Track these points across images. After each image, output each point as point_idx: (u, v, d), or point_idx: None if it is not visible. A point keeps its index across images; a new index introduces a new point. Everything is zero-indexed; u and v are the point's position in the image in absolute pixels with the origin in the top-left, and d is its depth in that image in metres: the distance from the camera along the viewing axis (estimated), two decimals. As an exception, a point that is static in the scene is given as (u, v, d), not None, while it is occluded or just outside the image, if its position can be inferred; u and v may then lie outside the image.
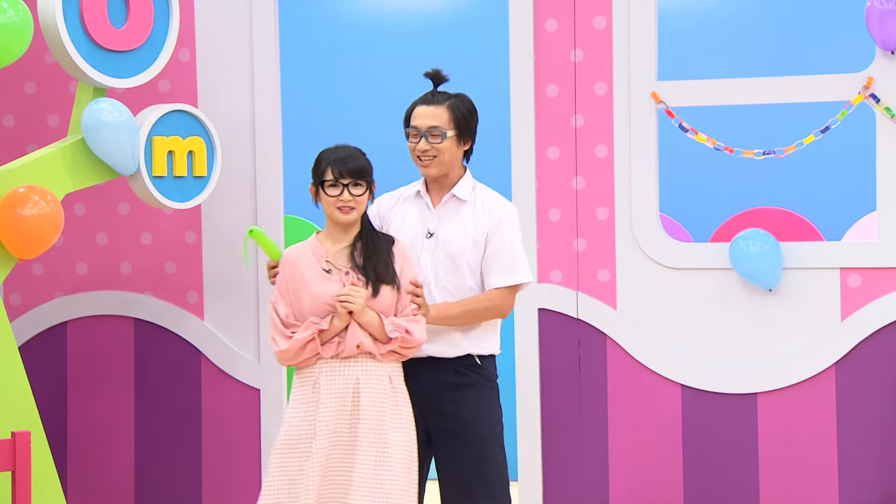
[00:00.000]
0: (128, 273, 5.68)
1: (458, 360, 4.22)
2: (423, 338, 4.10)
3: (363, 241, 4.13)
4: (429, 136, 4.20)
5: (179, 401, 5.64)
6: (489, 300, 4.21)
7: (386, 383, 4.06)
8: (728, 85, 5.30)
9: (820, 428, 5.15)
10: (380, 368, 4.08)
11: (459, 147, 4.24)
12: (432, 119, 4.22)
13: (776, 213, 6.73)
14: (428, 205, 4.27)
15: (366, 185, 4.13)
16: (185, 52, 5.57)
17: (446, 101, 4.26)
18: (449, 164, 4.23)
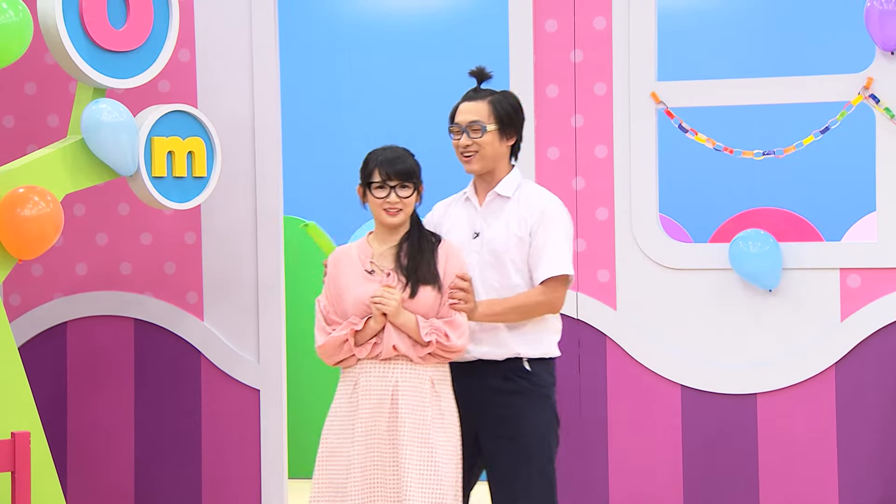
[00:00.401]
0: (128, 273, 5.68)
1: (507, 363, 4.11)
2: (461, 342, 3.99)
3: (409, 242, 4.05)
4: (469, 130, 4.14)
5: (179, 401, 5.63)
6: (539, 294, 4.11)
7: (427, 387, 3.97)
8: (728, 85, 5.31)
9: (820, 428, 5.15)
10: (420, 372, 3.99)
11: (502, 142, 4.16)
12: (473, 114, 4.16)
13: (776, 213, 6.73)
14: (475, 205, 4.21)
15: (413, 186, 4.04)
16: (184, 52, 5.57)
17: (488, 96, 4.19)
18: (492, 159, 4.16)
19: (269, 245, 5.57)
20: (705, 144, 5.28)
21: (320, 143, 7.67)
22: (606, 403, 5.32)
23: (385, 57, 7.89)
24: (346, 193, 7.75)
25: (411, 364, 3.98)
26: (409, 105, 7.83)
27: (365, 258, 4.08)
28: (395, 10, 8.02)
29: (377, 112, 7.82)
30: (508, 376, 4.11)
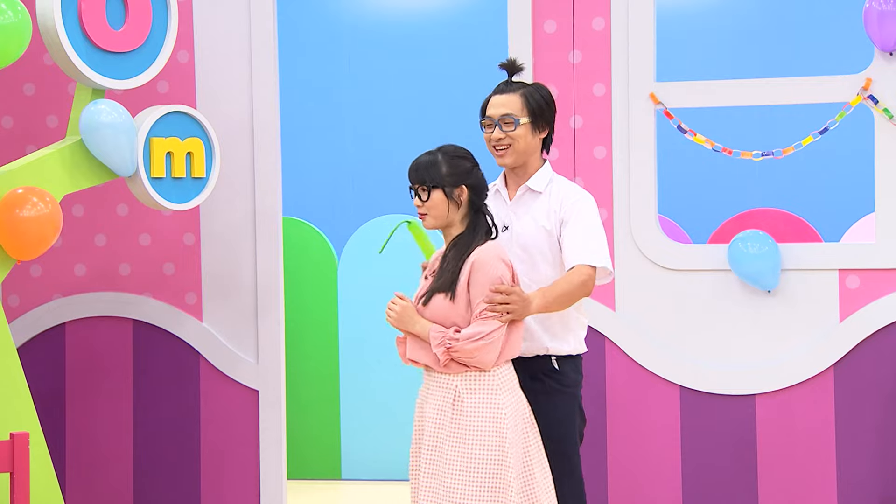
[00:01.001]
0: (126, 274, 5.68)
1: (535, 361, 4.07)
2: (470, 351, 3.84)
3: (452, 247, 3.98)
4: (502, 124, 4.10)
5: (178, 402, 5.63)
6: (579, 275, 4.02)
7: (449, 397, 3.88)
8: (726, 86, 5.29)
9: (819, 429, 5.15)
10: (445, 382, 3.90)
11: (535, 135, 4.12)
12: (505, 107, 4.12)
13: (775, 214, 6.73)
14: (505, 199, 4.19)
15: (428, 191, 3.95)
16: (183, 53, 5.57)
17: (520, 89, 4.15)
18: (524, 152, 4.12)
19: (268, 246, 5.56)
20: (704, 145, 5.28)
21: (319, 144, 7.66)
22: (605, 404, 5.32)
23: (384, 57, 7.89)
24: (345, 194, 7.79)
25: (437, 373, 3.92)
26: (409, 105, 7.83)
27: (435, 260, 4.06)
28: (393, 11, 8.02)
29: (376, 113, 7.82)
30: (536, 376, 4.07)
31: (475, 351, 3.84)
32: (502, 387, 3.88)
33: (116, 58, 4.96)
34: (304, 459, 7.18)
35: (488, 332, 3.84)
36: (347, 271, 7.15)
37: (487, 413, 3.84)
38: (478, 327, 3.85)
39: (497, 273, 3.89)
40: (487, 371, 3.87)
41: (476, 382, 3.88)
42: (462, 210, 3.96)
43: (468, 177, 3.96)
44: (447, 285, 3.90)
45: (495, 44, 6.39)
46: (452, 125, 7.31)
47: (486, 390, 3.87)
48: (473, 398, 3.86)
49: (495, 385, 3.88)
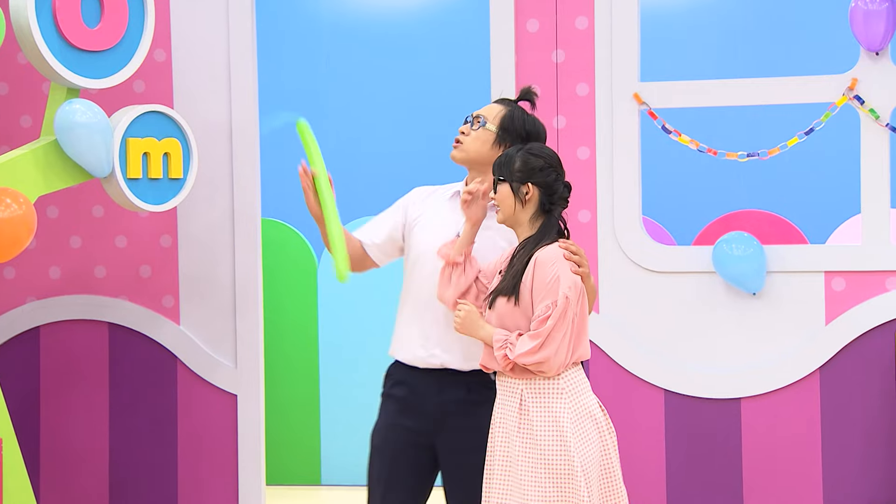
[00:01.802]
0: (102, 277, 5.66)
1: (473, 374, 4.01)
2: (524, 349, 3.74)
3: (520, 249, 3.88)
4: (473, 121, 4.08)
5: (155, 407, 5.61)
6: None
7: (515, 403, 3.82)
8: (711, 86, 5.30)
9: (804, 432, 5.16)
10: (511, 386, 3.83)
11: (494, 148, 4.04)
12: (484, 110, 4.09)
13: (760, 215, 6.73)
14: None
15: (497, 183, 3.85)
16: (160, 52, 5.55)
17: (509, 105, 4.11)
18: (474, 157, 4.04)
19: (247, 248, 5.55)
20: (689, 146, 5.28)
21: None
22: (589, 408, 5.31)
23: (365, 57, 7.88)
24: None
25: (505, 377, 3.86)
26: (390, 105, 7.81)
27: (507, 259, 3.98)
28: (374, 10, 8.01)
29: (357, 112, 7.81)
30: (473, 387, 4.02)
31: (531, 365, 3.78)
32: (567, 392, 3.81)
33: (91, 56, 4.94)
34: (283, 465, 7.16)
35: (540, 345, 3.75)
36: (327, 274, 7.13)
37: (549, 419, 3.79)
38: (529, 342, 3.76)
39: (556, 273, 3.79)
40: (552, 378, 3.81)
41: (540, 388, 3.81)
42: (530, 210, 3.87)
43: (536, 175, 3.86)
44: (510, 288, 3.82)
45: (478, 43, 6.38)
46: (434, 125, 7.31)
47: (548, 397, 3.81)
48: (537, 404, 3.80)
49: (559, 391, 3.80)
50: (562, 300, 3.75)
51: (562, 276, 3.78)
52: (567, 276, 3.78)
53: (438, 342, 4.02)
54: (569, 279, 3.78)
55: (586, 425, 3.82)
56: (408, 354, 4.07)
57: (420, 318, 4.06)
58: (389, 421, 4.08)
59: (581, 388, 3.85)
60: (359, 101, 7.82)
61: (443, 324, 4.01)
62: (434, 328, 4.03)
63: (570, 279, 3.78)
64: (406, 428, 4.05)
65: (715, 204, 7.20)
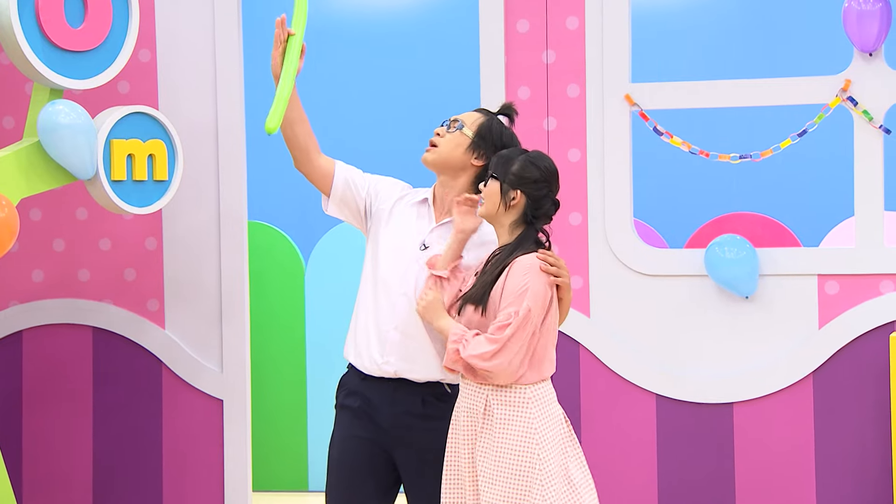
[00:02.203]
0: (86, 280, 5.65)
1: (428, 386, 3.98)
2: (480, 357, 3.69)
3: (493, 255, 3.85)
4: (450, 124, 4.05)
5: (139, 412, 5.60)
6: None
7: (479, 408, 3.74)
8: (703, 87, 5.29)
9: (797, 438, 5.16)
10: (475, 390, 3.78)
11: (467, 154, 4.01)
12: (464, 115, 4.08)
13: (752, 218, 6.73)
14: (430, 217, 4.08)
15: (489, 178, 3.83)
16: (145, 52, 5.54)
17: (488, 115, 4.10)
18: (446, 161, 4.01)
19: (233, 251, 5.55)
20: (680, 148, 5.28)
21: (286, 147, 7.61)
22: (580, 413, 5.32)
23: (352, 57, 7.86)
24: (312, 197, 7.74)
25: (469, 382, 3.81)
26: (378, 106, 7.80)
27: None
28: (362, 10, 8.00)
29: (344, 113, 7.79)
30: (428, 400, 3.99)
31: (481, 370, 3.73)
32: (536, 400, 3.76)
33: (75, 57, 4.93)
34: (270, 471, 7.14)
35: (494, 352, 3.70)
36: (315, 277, 7.12)
37: (518, 426, 3.74)
38: (484, 345, 3.71)
39: (526, 283, 3.72)
40: (519, 387, 3.76)
41: (508, 396, 3.76)
42: (512, 215, 3.83)
43: (528, 185, 3.82)
44: (478, 297, 3.78)
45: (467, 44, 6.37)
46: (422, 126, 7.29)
47: (517, 405, 3.76)
48: (504, 411, 3.76)
49: (527, 399, 3.76)
50: (524, 311, 3.70)
51: (531, 287, 3.73)
52: (536, 289, 3.73)
53: (395, 350, 3.99)
54: (538, 292, 3.73)
55: (556, 432, 3.78)
56: (363, 360, 4.03)
57: (377, 322, 4.03)
58: (345, 433, 4.05)
59: (550, 398, 3.82)
60: (346, 102, 7.80)
61: (401, 330, 3.98)
62: (392, 334, 3.99)
63: (538, 292, 3.73)
64: (363, 439, 4.01)
65: (707, 206, 7.20)
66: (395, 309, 3.97)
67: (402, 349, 3.96)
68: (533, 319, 3.71)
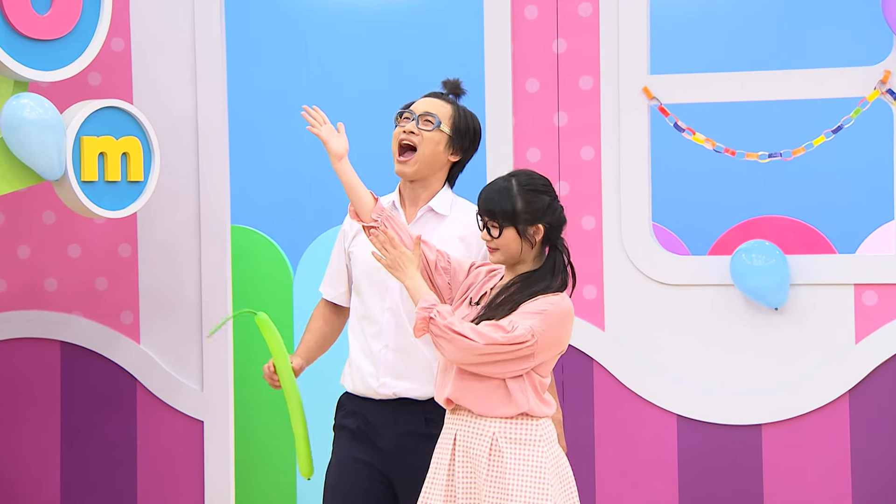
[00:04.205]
0: (53, 290, 5.65)
1: (431, 404, 4.02)
2: (443, 338, 3.73)
3: (520, 279, 3.89)
4: (421, 119, 4.11)
5: (112, 434, 5.61)
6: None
7: (484, 446, 3.78)
8: (729, 79, 5.30)
9: (832, 463, 5.16)
10: (479, 426, 3.80)
11: (446, 152, 4.13)
12: (431, 108, 4.15)
13: (783, 222, 6.73)
14: (402, 221, 4.16)
15: (500, 228, 3.85)
16: (118, 41, 5.55)
17: (454, 103, 4.19)
18: (428, 164, 4.12)
19: (215, 258, 5.57)
20: (704, 145, 5.29)
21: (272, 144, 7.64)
22: (593, 436, 5.33)
23: (345, 47, 7.87)
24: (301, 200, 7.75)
25: (464, 412, 3.82)
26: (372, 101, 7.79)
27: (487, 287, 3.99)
28: (357, -5, 8.01)
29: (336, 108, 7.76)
30: (431, 418, 4.03)
31: (448, 339, 3.73)
32: (545, 439, 3.82)
33: (41, 46, 4.93)
34: (255, 497, 7.14)
35: (470, 340, 3.72)
36: (304, 286, 7.11)
37: (527, 467, 3.77)
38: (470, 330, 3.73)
39: (559, 336, 3.81)
40: (527, 417, 3.80)
41: (517, 432, 3.80)
42: (536, 248, 3.90)
43: (546, 214, 3.89)
44: (502, 313, 3.80)
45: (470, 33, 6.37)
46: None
47: (526, 443, 3.80)
48: (513, 450, 3.79)
49: (538, 438, 3.81)
50: (527, 333, 3.74)
51: (558, 336, 3.80)
52: (559, 336, 3.81)
53: (389, 369, 4.00)
54: (557, 340, 3.81)
55: (563, 474, 3.83)
56: (358, 385, 4.06)
57: (368, 346, 4.05)
58: (343, 454, 4.08)
59: (554, 438, 3.87)
60: (338, 96, 7.80)
61: (392, 348, 3.99)
62: (384, 354, 4.01)
63: (557, 341, 3.81)
64: (362, 462, 4.04)
65: (733, 209, 7.20)
66: (382, 328, 4.02)
67: (397, 367, 3.99)
68: (528, 347, 3.75)
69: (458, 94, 4.23)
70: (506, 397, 3.77)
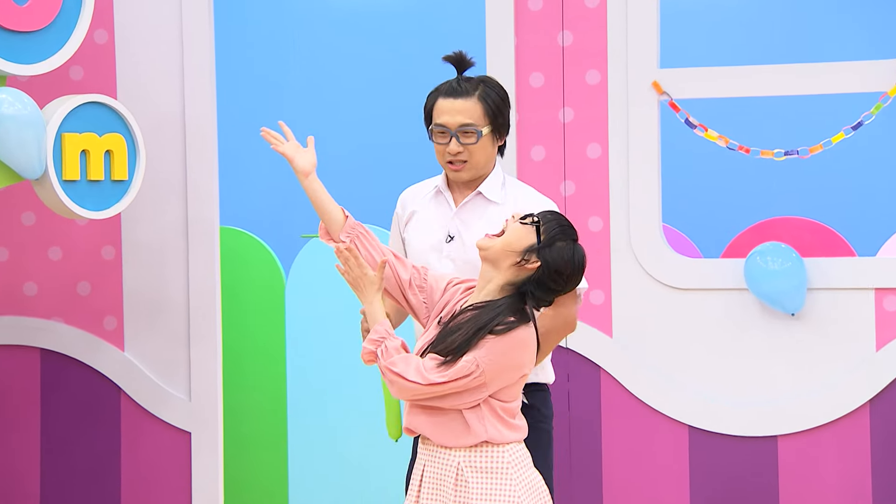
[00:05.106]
0: (33, 295, 5.66)
1: None
2: (387, 376, 3.77)
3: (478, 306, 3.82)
4: (461, 135, 4.11)
5: (95, 446, 5.61)
6: (550, 317, 3.98)
7: (450, 477, 3.78)
8: (743, 73, 5.30)
9: (852, 476, 5.16)
10: (443, 457, 3.81)
11: (495, 144, 4.15)
12: (463, 115, 4.10)
13: (800, 223, 6.73)
14: (449, 203, 4.18)
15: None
16: (101, 33, 5.55)
17: (475, 90, 4.13)
18: (484, 165, 4.15)
19: (203, 261, 5.57)
20: (717, 142, 5.29)
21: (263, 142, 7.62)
22: (601, 447, 5.33)
23: (342, 41, 7.87)
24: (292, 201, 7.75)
25: (433, 445, 3.82)
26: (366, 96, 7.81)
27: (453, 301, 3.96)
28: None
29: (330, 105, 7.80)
30: None
31: (388, 381, 3.77)
32: (514, 464, 3.80)
33: (20, 38, 4.93)
34: (244, 513, 7.14)
35: (409, 382, 3.72)
36: (296, 291, 7.10)
37: (497, 499, 3.77)
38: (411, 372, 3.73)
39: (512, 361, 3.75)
40: (490, 445, 3.78)
41: (482, 461, 3.79)
42: (512, 274, 3.80)
43: (552, 279, 3.80)
44: (452, 351, 3.75)
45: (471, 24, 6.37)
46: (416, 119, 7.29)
47: (493, 472, 3.79)
48: (479, 479, 3.78)
49: (505, 464, 3.79)
50: (470, 365, 3.70)
51: (510, 361, 3.74)
52: (511, 361, 3.74)
53: None
54: (511, 365, 3.74)
55: (541, 498, 3.81)
56: None
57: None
58: (413, 456, 4.11)
59: (526, 462, 3.84)
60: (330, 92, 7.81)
61: None
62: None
63: (511, 366, 3.74)
64: None
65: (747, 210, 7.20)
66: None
67: None
68: (475, 379, 3.72)
69: (468, 67, 4.19)
70: (464, 427, 3.77)
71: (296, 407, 7.18)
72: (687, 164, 6.88)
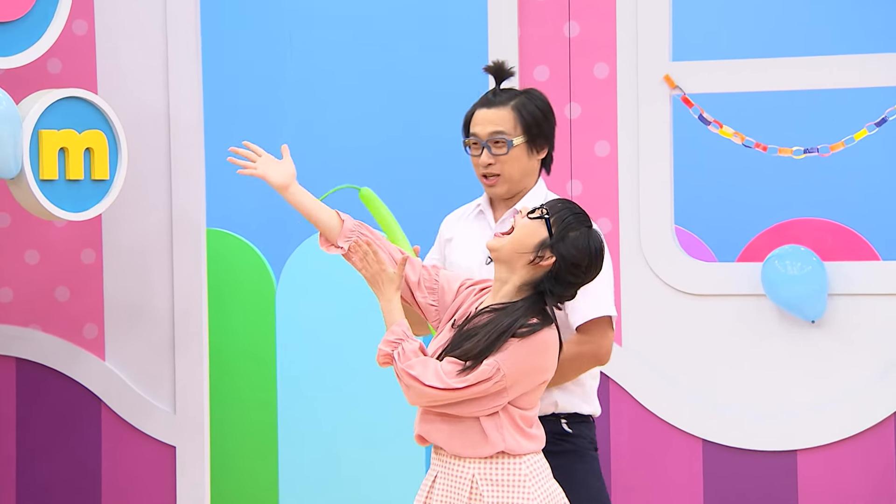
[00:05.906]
0: (8, 301, 5.66)
1: (543, 423, 3.97)
2: (403, 379, 3.75)
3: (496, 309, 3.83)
4: (492, 145, 4.11)
5: (74, 460, 5.61)
6: (578, 343, 4.02)
7: (463, 490, 3.77)
8: (760, 66, 5.31)
9: (876, 494, 5.16)
10: (457, 468, 3.80)
11: (532, 156, 4.13)
12: (494, 124, 4.12)
13: (820, 225, 6.72)
14: (489, 222, 4.20)
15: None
16: (80, 23, 5.54)
17: (511, 100, 4.14)
18: (519, 180, 4.15)
19: (189, 265, 5.57)
20: (732, 139, 5.30)
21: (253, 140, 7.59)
22: (609, 461, 5.33)
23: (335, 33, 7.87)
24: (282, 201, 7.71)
25: (447, 456, 3.81)
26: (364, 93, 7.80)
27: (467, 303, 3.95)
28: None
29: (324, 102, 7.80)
30: (556, 431, 4.04)
31: (404, 385, 3.75)
32: (531, 477, 3.78)
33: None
34: (232, 531, 7.14)
35: (427, 387, 3.71)
36: (287, 296, 7.10)
37: None
38: (432, 378, 3.71)
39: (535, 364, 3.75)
40: (507, 456, 3.77)
41: (497, 474, 3.78)
42: (528, 274, 3.80)
43: (567, 272, 3.78)
44: (473, 356, 3.73)
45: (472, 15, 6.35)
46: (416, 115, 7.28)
47: (509, 484, 3.77)
48: (494, 492, 3.77)
49: (521, 476, 3.77)
50: (494, 370, 3.69)
51: (532, 364, 3.74)
52: (534, 364, 3.73)
53: None
54: (534, 369, 3.73)
55: None
56: None
57: None
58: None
59: (545, 474, 3.82)
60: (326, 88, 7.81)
61: None
62: None
63: (534, 369, 3.74)
64: None
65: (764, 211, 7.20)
66: None
67: None
68: (495, 384, 3.71)
69: (507, 77, 4.19)
70: (480, 437, 3.76)
71: (287, 419, 7.17)
72: (701, 163, 6.88)
